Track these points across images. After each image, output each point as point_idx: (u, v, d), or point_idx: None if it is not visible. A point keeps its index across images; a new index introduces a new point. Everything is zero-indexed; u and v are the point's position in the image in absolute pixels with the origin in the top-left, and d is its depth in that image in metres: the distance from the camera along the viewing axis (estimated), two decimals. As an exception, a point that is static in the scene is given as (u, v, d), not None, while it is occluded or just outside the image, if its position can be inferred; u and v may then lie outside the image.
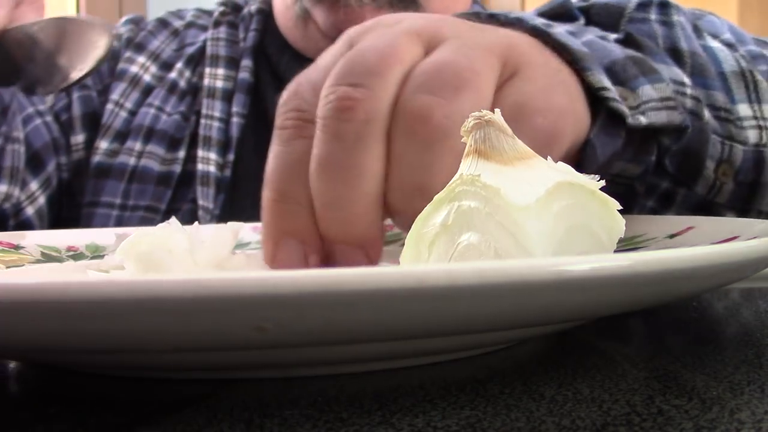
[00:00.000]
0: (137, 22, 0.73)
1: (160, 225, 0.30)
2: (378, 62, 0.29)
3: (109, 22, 0.44)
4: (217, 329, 0.17)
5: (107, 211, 0.64)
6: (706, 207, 0.45)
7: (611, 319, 0.29)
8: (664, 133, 0.39)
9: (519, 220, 0.23)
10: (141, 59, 0.69)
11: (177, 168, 0.64)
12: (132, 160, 0.65)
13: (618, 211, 0.25)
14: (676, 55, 0.45)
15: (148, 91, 0.68)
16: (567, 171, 0.25)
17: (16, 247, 0.37)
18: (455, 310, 0.17)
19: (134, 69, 0.68)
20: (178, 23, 0.73)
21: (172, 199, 0.64)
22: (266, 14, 0.71)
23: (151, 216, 0.64)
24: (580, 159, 0.35)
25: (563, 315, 0.21)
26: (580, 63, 0.35)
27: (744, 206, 0.45)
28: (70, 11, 2.39)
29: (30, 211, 0.64)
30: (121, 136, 0.66)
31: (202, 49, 0.70)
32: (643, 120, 0.37)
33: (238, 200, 0.64)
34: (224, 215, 0.62)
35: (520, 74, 0.32)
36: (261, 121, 0.66)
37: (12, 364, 0.25)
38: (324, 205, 0.29)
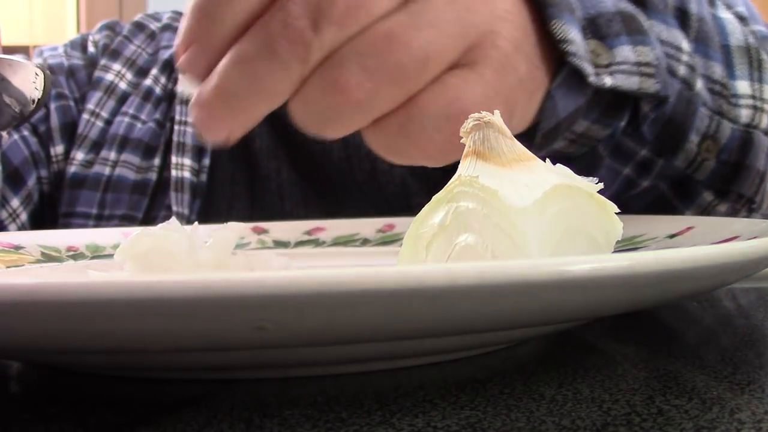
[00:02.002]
0: (113, 27, 0.71)
1: (160, 225, 0.30)
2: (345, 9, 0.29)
3: (43, 66, 0.43)
4: (217, 329, 0.17)
5: (83, 222, 0.63)
6: (685, 182, 0.43)
7: (611, 319, 0.29)
8: (643, 99, 0.38)
9: (516, 222, 0.23)
10: (116, 66, 0.68)
11: (153, 176, 0.63)
12: (107, 170, 0.63)
13: (616, 213, 0.26)
14: (683, 17, 0.42)
15: (123, 99, 0.66)
16: (565, 174, 0.25)
17: (16, 247, 0.37)
18: (455, 310, 0.17)
19: (110, 77, 0.67)
20: (154, 25, 0.71)
21: (149, 207, 0.63)
22: None
23: (127, 225, 0.62)
24: (540, 110, 0.34)
25: (563, 315, 0.21)
26: (547, 9, 0.34)
27: (724, 187, 0.43)
28: (70, 11, 2.39)
29: (12, 228, 0.63)
30: (97, 146, 0.64)
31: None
32: (608, 81, 0.35)
33: (214, 205, 0.63)
34: (200, 221, 0.61)
35: (474, 68, 0.31)
36: None
37: (12, 364, 0.25)
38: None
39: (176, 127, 0.64)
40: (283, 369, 0.21)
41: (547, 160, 0.26)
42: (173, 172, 0.62)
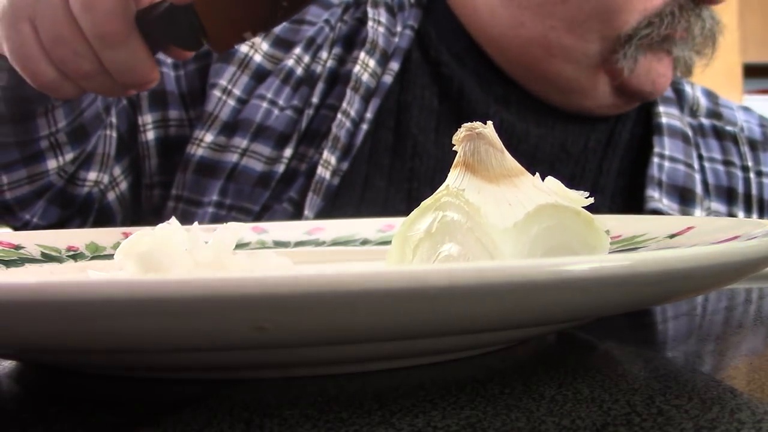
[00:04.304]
0: None
1: (160, 225, 0.30)
2: None
3: None
4: (217, 329, 0.17)
5: (204, 210, 0.60)
6: None
7: (611, 319, 0.29)
8: None
9: (497, 240, 0.24)
10: None
11: (280, 168, 0.59)
12: (235, 158, 0.60)
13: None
14: None
15: (259, 76, 0.62)
16: (553, 190, 0.25)
17: (16, 247, 0.37)
18: (455, 310, 0.17)
19: (243, 49, 0.62)
20: None
21: (269, 198, 0.59)
22: (424, 8, 0.66)
23: (243, 217, 0.59)
24: None
25: (563, 315, 0.21)
26: None
27: None
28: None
29: (111, 196, 0.61)
30: (228, 129, 0.60)
31: (322, 32, 0.63)
32: None
33: (337, 208, 0.60)
34: None
35: None
36: (384, 128, 0.62)
37: (12, 364, 0.25)
38: None
39: (338, 116, 0.59)
40: (283, 369, 0.21)
41: (537, 174, 0.26)
42: (319, 170, 0.58)
